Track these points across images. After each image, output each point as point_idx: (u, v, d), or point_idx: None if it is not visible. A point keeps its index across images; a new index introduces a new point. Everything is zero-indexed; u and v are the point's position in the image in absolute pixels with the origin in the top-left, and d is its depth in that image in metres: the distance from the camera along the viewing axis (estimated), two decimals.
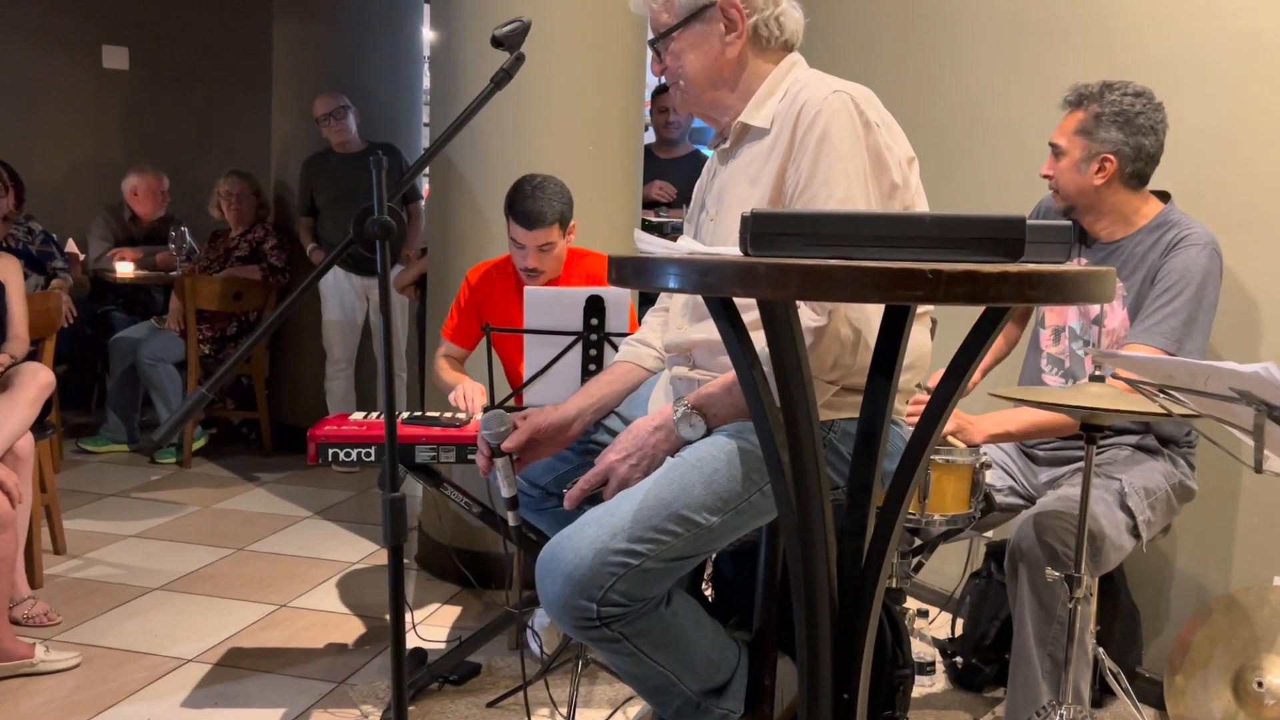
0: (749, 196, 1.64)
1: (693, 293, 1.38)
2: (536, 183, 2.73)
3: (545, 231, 2.72)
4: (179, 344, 4.94)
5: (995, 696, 2.76)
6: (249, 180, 5.18)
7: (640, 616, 1.52)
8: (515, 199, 2.74)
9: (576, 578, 1.47)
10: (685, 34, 1.72)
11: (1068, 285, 1.11)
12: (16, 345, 3.24)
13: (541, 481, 1.92)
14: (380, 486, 1.47)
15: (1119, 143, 2.29)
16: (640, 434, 1.64)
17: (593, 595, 1.47)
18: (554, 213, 2.72)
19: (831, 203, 1.52)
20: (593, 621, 1.49)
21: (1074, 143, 2.34)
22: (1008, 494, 2.49)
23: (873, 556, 1.37)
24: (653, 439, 1.63)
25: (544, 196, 2.71)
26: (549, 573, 1.50)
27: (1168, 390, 1.48)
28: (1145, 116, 2.30)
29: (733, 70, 1.71)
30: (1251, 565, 2.60)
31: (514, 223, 2.74)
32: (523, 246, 2.76)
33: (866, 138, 1.55)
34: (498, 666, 2.86)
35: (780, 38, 1.71)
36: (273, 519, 4.15)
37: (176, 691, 2.68)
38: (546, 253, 2.76)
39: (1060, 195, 2.41)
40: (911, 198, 1.62)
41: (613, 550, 1.47)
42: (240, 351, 1.47)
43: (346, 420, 2.61)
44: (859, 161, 1.54)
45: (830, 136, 1.54)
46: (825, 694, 1.37)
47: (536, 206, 2.70)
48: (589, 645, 1.60)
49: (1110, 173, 2.32)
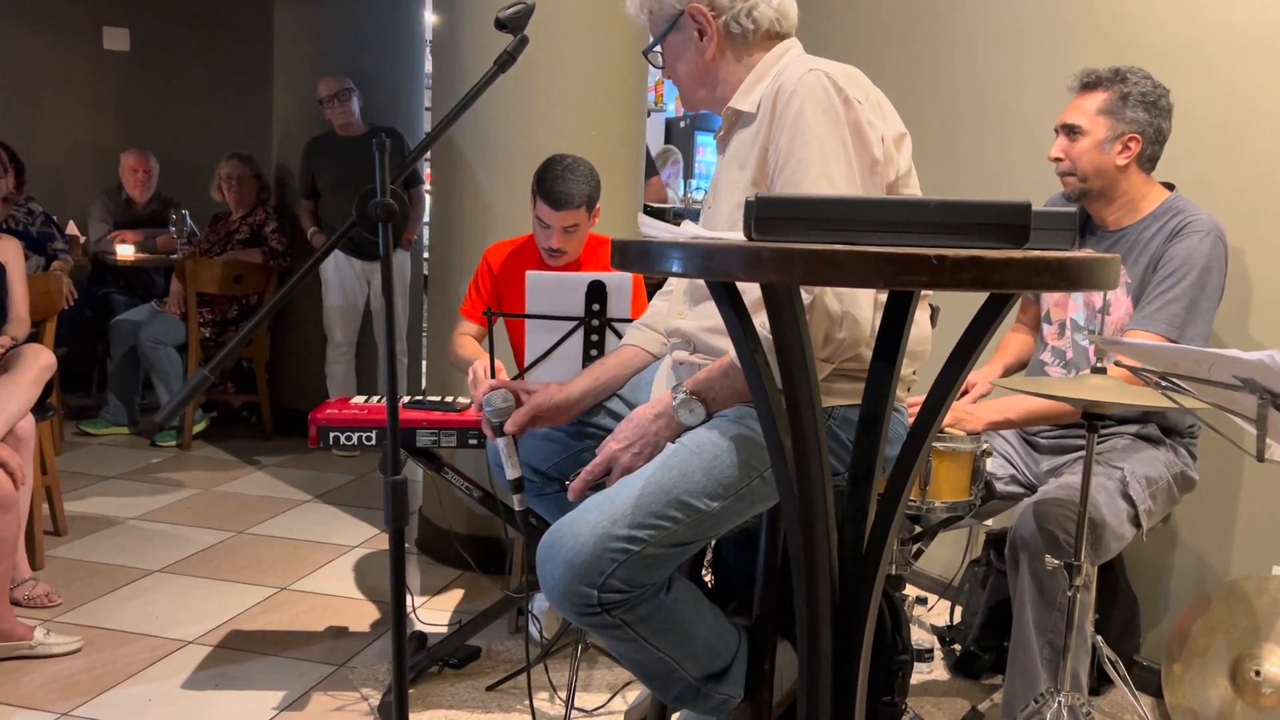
0: (739, 181, 1.65)
1: (696, 277, 1.37)
2: (567, 163, 2.73)
3: (572, 213, 2.72)
4: (180, 327, 4.94)
5: (993, 684, 2.77)
6: (250, 163, 5.17)
7: (641, 603, 1.52)
8: (545, 178, 2.73)
9: (577, 564, 1.47)
10: (667, 44, 1.77)
11: (1073, 271, 1.10)
12: (17, 327, 3.24)
13: (542, 467, 1.92)
14: (381, 470, 1.47)
15: (1145, 123, 2.31)
16: (641, 422, 1.64)
17: (593, 581, 1.47)
18: (582, 195, 2.71)
19: (808, 180, 1.52)
20: (593, 608, 1.49)
21: (1096, 123, 2.33)
22: (1008, 482, 2.49)
23: (873, 542, 1.37)
24: (653, 426, 1.63)
25: (573, 178, 2.71)
26: (549, 559, 1.51)
27: (1170, 378, 1.48)
28: (1165, 100, 2.34)
29: (715, 70, 1.75)
30: (1250, 554, 2.60)
31: (541, 202, 2.74)
32: (548, 226, 2.76)
33: (846, 113, 1.54)
34: (498, 650, 2.86)
35: (758, 30, 1.71)
36: (273, 502, 4.16)
37: (177, 673, 2.68)
38: (571, 234, 2.76)
39: (1076, 177, 2.39)
40: (898, 175, 1.61)
41: (613, 536, 1.47)
42: (242, 334, 1.47)
43: (347, 404, 2.61)
44: (837, 138, 1.54)
45: (805, 114, 1.54)
46: (825, 679, 1.37)
47: (565, 188, 2.69)
48: (589, 631, 1.60)
49: (1134, 153, 2.33)
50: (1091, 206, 2.43)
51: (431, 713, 2.51)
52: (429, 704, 2.56)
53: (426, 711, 2.52)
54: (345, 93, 4.85)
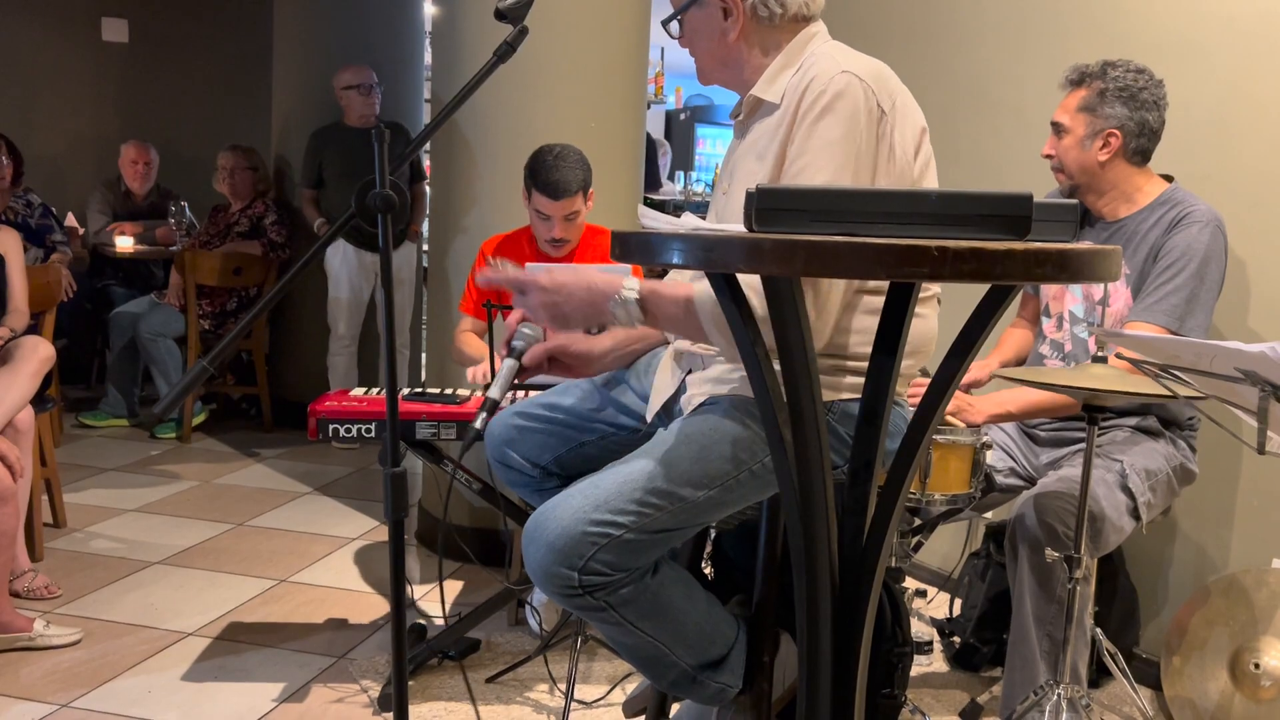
0: (755, 172, 1.62)
1: (697, 269, 1.37)
2: (557, 152, 2.73)
3: (570, 201, 2.73)
4: (179, 319, 4.93)
5: (992, 676, 2.77)
6: (249, 155, 5.15)
7: (623, 586, 1.52)
8: (538, 170, 2.72)
9: (559, 547, 1.48)
10: (688, 18, 1.70)
11: (1075, 263, 1.10)
12: (16, 319, 3.23)
13: (541, 461, 1.91)
14: (381, 462, 1.47)
15: (1123, 118, 2.30)
16: (580, 282, 1.59)
17: (574, 564, 1.48)
18: (578, 181, 2.73)
19: (815, 183, 1.49)
20: (574, 590, 1.50)
21: (1077, 120, 2.34)
22: (1008, 475, 2.49)
23: (874, 535, 1.37)
24: (580, 293, 1.58)
25: (566, 165, 2.71)
26: (532, 541, 1.52)
27: (1171, 370, 1.47)
28: (1148, 92, 2.30)
29: (738, 52, 1.68)
30: (1250, 547, 2.60)
31: (539, 194, 2.73)
32: (548, 218, 2.76)
33: (870, 126, 1.51)
34: (497, 642, 2.87)
35: (785, 13, 1.65)
36: (272, 494, 4.16)
37: (176, 664, 2.68)
38: (572, 221, 2.78)
39: (1065, 174, 2.40)
40: (917, 176, 1.60)
41: (594, 521, 1.48)
42: (241, 325, 1.47)
43: (347, 396, 2.61)
44: (853, 148, 1.50)
45: (827, 117, 1.50)
46: (825, 671, 1.37)
47: (561, 176, 2.70)
48: (574, 612, 1.61)
49: (1115, 148, 2.32)
50: (1086, 199, 2.43)
51: (431, 704, 2.52)
52: (428, 696, 2.56)
53: (426, 703, 2.52)
54: (371, 86, 4.82)
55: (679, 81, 9.53)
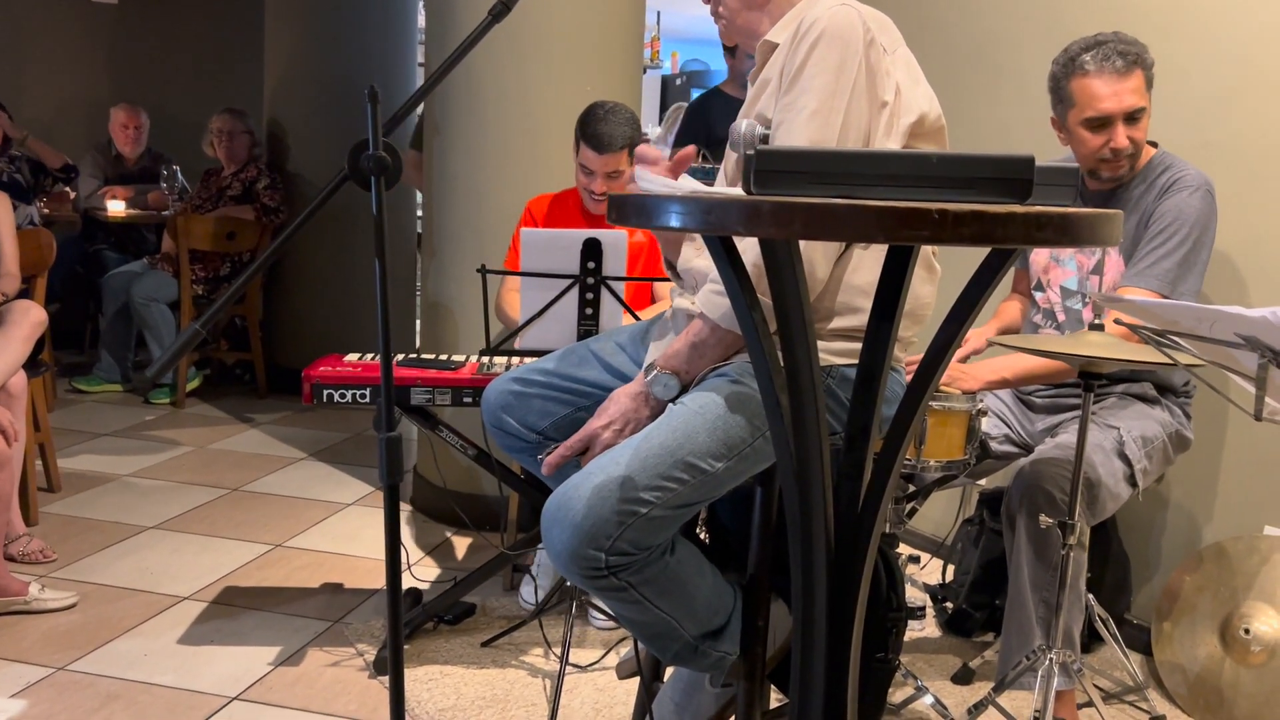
0: (766, 107, 1.62)
1: (695, 231, 1.35)
2: (608, 107, 2.77)
3: (614, 157, 2.75)
4: (172, 284, 4.91)
5: (984, 641, 2.79)
6: (242, 118, 5.11)
7: (647, 565, 1.51)
8: (588, 122, 2.77)
9: (585, 528, 1.46)
10: None
11: (1076, 226, 1.09)
12: (7, 282, 3.21)
13: (539, 427, 1.89)
14: (376, 428, 1.46)
15: None
16: (622, 401, 1.64)
17: (601, 545, 1.46)
18: (624, 137, 2.75)
19: (805, 113, 1.49)
20: (601, 571, 1.48)
21: (1148, 99, 2.29)
22: (1003, 442, 2.49)
23: (869, 501, 1.36)
24: (633, 404, 1.63)
25: (615, 120, 2.74)
26: (556, 523, 1.49)
27: (1169, 336, 1.47)
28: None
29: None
30: (1241, 514, 2.61)
31: (586, 146, 2.77)
32: (591, 172, 2.80)
33: (865, 53, 1.51)
34: (492, 607, 2.88)
35: None
36: (267, 459, 4.16)
37: (172, 628, 2.69)
38: (614, 179, 2.80)
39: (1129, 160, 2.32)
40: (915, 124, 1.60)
41: (620, 499, 1.46)
42: (236, 286, 1.45)
43: (341, 361, 2.59)
44: (848, 75, 1.50)
45: (820, 45, 1.50)
46: (820, 636, 1.37)
47: (608, 130, 2.73)
48: (594, 595, 1.60)
49: None
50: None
51: (427, 668, 2.53)
52: (424, 659, 2.57)
53: (422, 667, 2.53)
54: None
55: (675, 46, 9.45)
